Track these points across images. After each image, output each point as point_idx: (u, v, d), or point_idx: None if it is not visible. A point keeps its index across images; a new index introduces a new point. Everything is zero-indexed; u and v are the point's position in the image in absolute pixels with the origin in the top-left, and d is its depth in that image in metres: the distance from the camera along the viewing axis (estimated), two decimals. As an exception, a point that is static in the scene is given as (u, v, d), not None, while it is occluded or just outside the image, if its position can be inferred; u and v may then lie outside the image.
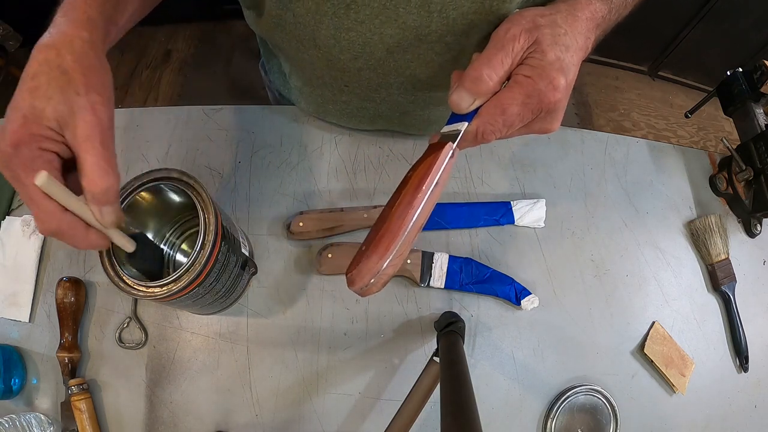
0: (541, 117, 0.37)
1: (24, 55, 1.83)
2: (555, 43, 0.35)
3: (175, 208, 0.49)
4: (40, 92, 0.32)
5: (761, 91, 0.62)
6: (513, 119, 0.36)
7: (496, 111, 0.35)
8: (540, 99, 0.35)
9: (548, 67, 0.34)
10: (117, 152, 0.61)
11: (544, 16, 0.36)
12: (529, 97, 0.35)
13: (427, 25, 0.42)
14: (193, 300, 0.45)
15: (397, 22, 0.41)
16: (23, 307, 0.55)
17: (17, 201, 0.59)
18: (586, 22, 0.38)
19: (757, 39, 1.59)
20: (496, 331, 0.57)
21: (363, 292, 0.35)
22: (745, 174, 0.62)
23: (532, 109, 0.36)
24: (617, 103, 1.83)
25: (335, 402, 0.54)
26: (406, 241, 0.34)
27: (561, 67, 0.35)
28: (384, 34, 0.43)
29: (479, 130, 0.36)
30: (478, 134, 0.37)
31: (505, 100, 0.35)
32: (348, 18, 0.42)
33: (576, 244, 0.62)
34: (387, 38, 0.43)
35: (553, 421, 0.54)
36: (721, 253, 0.63)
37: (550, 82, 0.35)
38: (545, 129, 0.39)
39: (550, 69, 0.34)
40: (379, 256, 0.33)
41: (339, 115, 0.60)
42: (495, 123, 0.36)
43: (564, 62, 0.35)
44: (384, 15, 0.41)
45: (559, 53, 0.35)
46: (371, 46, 0.45)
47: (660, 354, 0.58)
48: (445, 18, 0.41)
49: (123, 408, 0.53)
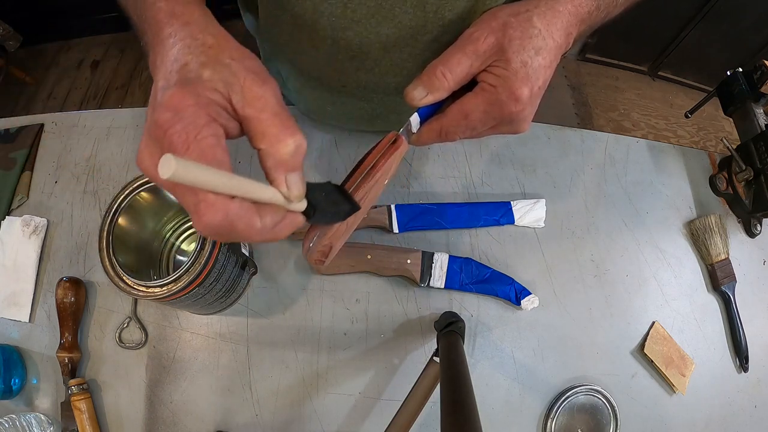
0: (505, 123, 0.37)
1: (24, 55, 1.84)
2: (522, 48, 0.34)
3: (175, 208, 0.50)
4: (191, 66, 0.26)
5: (761, 91, 0.62)
6: (475, 124, 0.36)
7: (459, 115, 0.36)
8: (501, 109, 0.35)
9: (512, 77, 0.34)
10: (117, 152, 0.62)
11: (518, 15, 0.35)
12: (491, 105, 0.35)
13: (422, 24, 0.42)
14: (193, 300, 0.45)
15: (393, 21, 0.42)
16: (23, 307, 0.55)
17: (17, 201, 0.59)
18: (567, 17, 0.37)
19: (757, 39, 1.59)
20: (496, 331, 0.57)
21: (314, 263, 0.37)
22: (745, 174, 0.62)
23: (494, 117, 0.36)
24: (617, 103, 1.83)
25: (335, 402, 0.54)
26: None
27: (526, 76, 0.35)
28: (380, 33, 0.43)
29: (443, 129, 0.37)
30: (442, 132, 0.37)
31: (468, 106, 0.36)
32: (345, 17, 0.42)
33: (576, 244, 0.62)
34: (383, 37, 0.44)
35: (553, 421, 0.54)
36: (721, 253, 0.63)
37: (512, 93, 0.35)
38: (513, 132, 0.39)
39: (514, 79, 0.34)
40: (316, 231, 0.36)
41: (338, 117, 0.60)
42: (458, 125, 0.37)
43: (531, 68, 0.35)
44: (380, 14, 0.41)
45: (525, 58, 0.34)
46: (368, 46, 0.45)
47: (660, 354, 0.58)
48: (440, 18, 0.41)
49: (123, 408, 0.53)
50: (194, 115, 0.25)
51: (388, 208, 0.58)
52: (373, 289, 0.57)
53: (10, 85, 1.69)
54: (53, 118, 0.64)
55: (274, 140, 0.26)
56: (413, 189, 0.62)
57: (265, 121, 0.26)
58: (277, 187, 0.27)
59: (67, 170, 0.61)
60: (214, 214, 0.24)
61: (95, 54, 1.80)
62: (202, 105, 0.25)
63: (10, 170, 0.60)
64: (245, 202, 0.25)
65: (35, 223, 0.57)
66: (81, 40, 1.81)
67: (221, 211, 0.24)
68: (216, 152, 0.25)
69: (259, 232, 0.26)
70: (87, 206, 0.59)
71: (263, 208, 0.26)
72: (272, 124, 0.26)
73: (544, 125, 0.67)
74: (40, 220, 0.58)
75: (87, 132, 0.63)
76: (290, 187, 0.27)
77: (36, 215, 0.58)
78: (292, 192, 0.27)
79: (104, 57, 1.80)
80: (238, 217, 0.25)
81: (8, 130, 0.63)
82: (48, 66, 1.78)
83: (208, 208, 0.24)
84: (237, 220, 0.25)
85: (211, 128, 0.25)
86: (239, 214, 0.25)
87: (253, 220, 0.25)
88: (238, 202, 0.25)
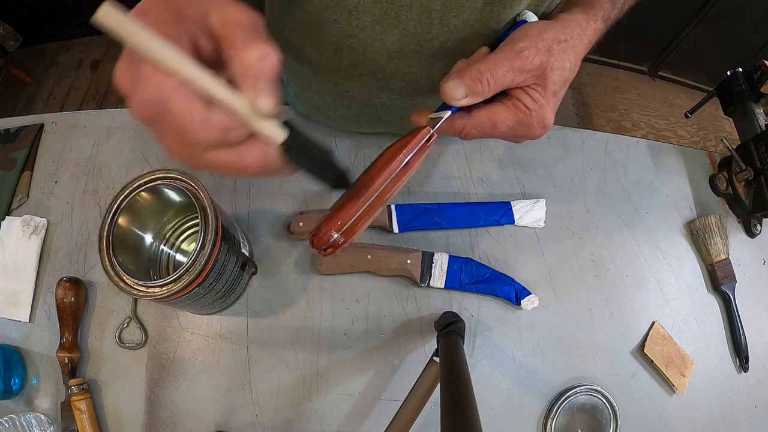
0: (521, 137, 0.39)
1: (24, 55, 1.84)
2: (559, 79, 0.37)
3: (175, 208, 0.49)
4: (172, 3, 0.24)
5: (761, 91, 0.62)
6: (498, 134, 0.38)
7: (488, 123, 0.37)
8: (527, 130, 0.38)
9: (546, 105, 0.37)
10: (117, 152, 0.61)
11: (560, 43, 0.37)
12: (520, 125, 0.37)
13: (428, 31, 0.42)
14: (193, 300, 0.45)
15: (399, 28, 0.41)
16: (23, 307, 0.55)
17: (17, 201, 0.59)
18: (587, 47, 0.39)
19: (756, 39, 1.59)
20: (496, 331, 0.57)
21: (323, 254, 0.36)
22: (745, 174, 0.62)
23: (517, 134, 0.38)
24: (617, 103, 1.83)
25: (335, 402, 0.54)
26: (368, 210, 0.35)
27: (555, 105, 0.38)
28: (385, 41, 0.43)
29: (465, 129, 0.38)
30: (462, 131, 0.38)
31: (499, 118, 0.37)
32: (350, 24, 0.42)
33: (576, 244, 0.62)
34: (388, 44, 0.43)
35: (553, 421, 0.54)
36: (721, 253, 0.63)
37: (542, 120, 0.37)
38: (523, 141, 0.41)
39: (547, 108, 0.37)
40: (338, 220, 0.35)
41: (340, 120, 0.60)
42: (482, 131, 0.38)
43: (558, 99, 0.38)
44: (385, 21, 0.41)
45: (557, 89, 0.37)
46: (372, 52, 0.45)
47: (660, 354, 0.58)
48: (446, 25, 0.41)
49: (123, 408, 0.53)
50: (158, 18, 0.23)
51: (388, 208, 0.58)
52: (373, 289, 0.57)
53: (10, 85, 1.69)
54: (53, 118, 0.64)
55: (242, 46, 0.23)
56: (413, 189, 0.62)
57: (237, 32, 0.24)
58: (244, 91, 0.23)
59: (67, 170, 0.61)
60: (145, 86, 0.21)
61: (95, 54, 1.80)
62: (173, 12, 0.24)
63: (10, 170, 0.60)
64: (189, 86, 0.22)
65: (35, 223, 0.57)
66: (81, 40, 1.81)
67: (154, 84, 0.21)
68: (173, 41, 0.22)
69: (202, 124, 0.22)
70: (87, 206, 0.59)
71: (215, 105, 0.23)
72: (244, 34, 0.24)
73: (544, 125, 0.66)
74: (40, 220, 0.58)
75: (87, 132, 0.63)
76: (258, 92, 0.23)
77: (36, 215, 0.58)
78: (260, 100, 0.23)
79: (104, 57, 1.80)
80: (176, 95, 0.22)
81: (8, 130, 0.63)
82: (48, 66, 1.78)
83: (143, 81, 0.21)
84: (172, 98, 0.22)
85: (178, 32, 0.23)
86: (178, 92, 0.22)
87: (193, 105, 0.22)
88: (178, 82, 0.22)
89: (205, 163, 0.25)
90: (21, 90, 1.72)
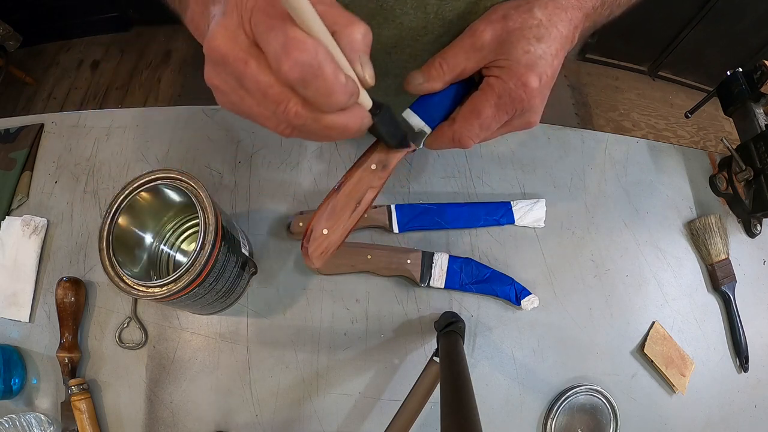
0: (517, 115, 0.36)
1: (24, 55, 1.84)
2: (522, 37, 0.34)
3: (175, 208, 0.49)
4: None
5: (761, 91, 0.62)
6: (488, 122, 0.36)
7: (471, 115, 0.35)
8: (512, 98, 0.35)
9: (515, 65, 0.34)
10: (117, 152, 0.62)
11: (519, 7, 0.35)
12: (500, 98, 0.35)
13: (423, 26, 0.42)
14: (193, 300, 0.45)
15: (394, 23, 0.42)
16: (23, 307, 0.55)
17: (17, 201, 0.59)
18: (571, 10, 0.36)
19: (757, 39, 1.59)
20: (496, 331, 0.57)
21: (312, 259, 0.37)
22: (745, 174, 0.62)
23: (506, 110, 0.35)
24: (617, 103, 1.83)
25: (335, 402, 0.54)
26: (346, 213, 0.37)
27: (531, 62, 0.34)
28: (381, 35, 0.43)
29: (456, 136, 0.36)
30: (455, 137, 0.36)
31: (478, 103, 0.35)
32: None
33: (576, 244, 0.62)
34: (384, 39, 0.43)
35: (553, 421, 0.54)
36: (721, 253, 0.63)
37: (519, 79, 0.34)
38: (525, 125, 0.38)
39: (518, 66, 0.34)
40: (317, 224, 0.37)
41: None
42: (471, 127, 0.36)
43: (535, 55, 0.34)
44: (381, 16, 0.41)
45: (527, 46, 0.34)
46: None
47: (660, 354, 0.58)
48: (441, 19, 0.41)
49: (123, 408, 0.53)
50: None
51: (388, 208, 0.58)
52: (373, 289, 0.57)
53: (10, 85, 1.69)
54: (53, 118, 0.64)
55: (347, 23, 0.26)
56: (413, 189, 0.62)
57: (337, 11, 0.26)
58: (353, 65, 0.26)
59: (67, 170, 0.61)
60: (303, 50, 0.23)
61: (95, 54, 1.80)
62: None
63: (10, 170, 0.60)
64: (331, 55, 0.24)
65: (35, 223, 0.57)
66: (81, 40, 1.81)
67: (312, 50, 0.23)
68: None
69: (343, 87, 0.25)
70: (87, 206, 0.59)
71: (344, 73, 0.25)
72: (343, 13, 0.26)
73: (544, 125, 0.66)
74: (40, 220, 0.58)
75: (87, 132, 0.63)
76: (364, 66, 0.26)
77: (36, 215, 0.58)
78: (366, 71, 0.27)
79: (104, 57, 1.80)
80: (327, 61, 0.24)
81: (8, 130, 0.63)
82: (48, 66, 1.78)
83: (298, 45, 0.23)
84: (325, 64, 0.24)
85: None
86: (329, 58, 0.24)
87: (338, 71, 0.24)
88: (326, 49, 0.24)
89: (324, 124, 0.27)
90: (21, 90, 1.72)
